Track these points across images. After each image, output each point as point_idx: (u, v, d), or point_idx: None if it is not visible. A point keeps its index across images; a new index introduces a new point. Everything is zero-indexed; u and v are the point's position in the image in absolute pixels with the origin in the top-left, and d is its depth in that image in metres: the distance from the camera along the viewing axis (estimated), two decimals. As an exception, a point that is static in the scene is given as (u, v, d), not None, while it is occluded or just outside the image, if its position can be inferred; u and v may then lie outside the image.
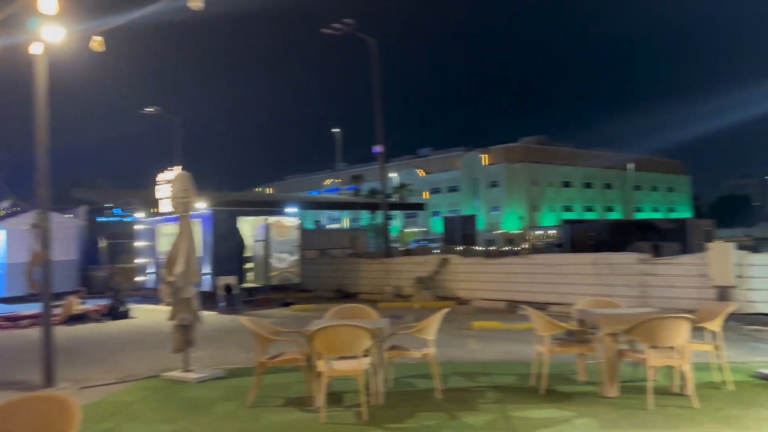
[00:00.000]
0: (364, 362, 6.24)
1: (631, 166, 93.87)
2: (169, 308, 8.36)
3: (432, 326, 6.94)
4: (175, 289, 8.21)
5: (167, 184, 16.66)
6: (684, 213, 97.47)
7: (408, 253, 27.14)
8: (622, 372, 7.17)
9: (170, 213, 15.46)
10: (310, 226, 52.40)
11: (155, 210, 19.23)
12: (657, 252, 18.60)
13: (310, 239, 32.54)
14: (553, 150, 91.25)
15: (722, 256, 11.81)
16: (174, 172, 13.09)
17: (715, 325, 7.08)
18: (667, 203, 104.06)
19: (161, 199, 17.93)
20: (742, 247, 12.41)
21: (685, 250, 23.68)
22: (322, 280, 20.21)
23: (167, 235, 17.45)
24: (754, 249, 15.72)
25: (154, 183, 18.13)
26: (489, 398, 6.83)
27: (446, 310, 7.08)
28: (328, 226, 64.48)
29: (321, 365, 6.19)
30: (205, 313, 9.59)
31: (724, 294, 11.84)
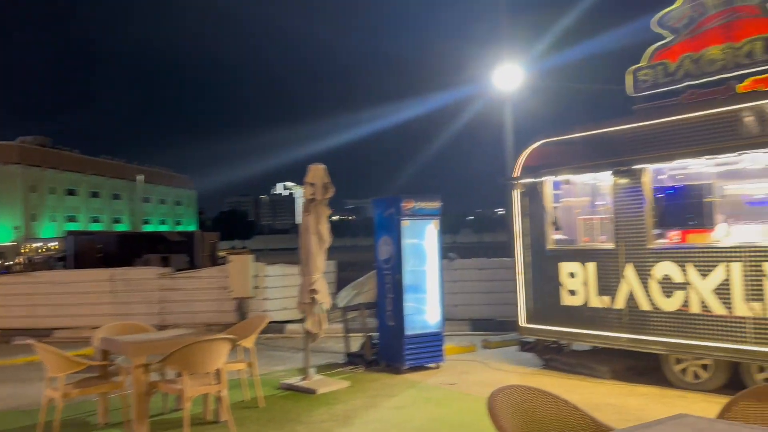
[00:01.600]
0: None
1: (140, 177, 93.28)
2: None
3: None
4: None
5: None
6: (190, 226, 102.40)
7: None
8: (151, 405, 6.26)
9: None
10: None
11: None
12: (166, 264, 18.59)
13: None
14: (56, 154, 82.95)
15: (241, 269, 12.15)
16: None
17: (250, 341, 6.91)
18: (175, 216, 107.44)
19: None
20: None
21: (192, 261, 24.31)
22: None
23: None
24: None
25: None
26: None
27: None
28: None
29: None
30: None
31: (242, 305, 12.20)
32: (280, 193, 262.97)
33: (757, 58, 6.23)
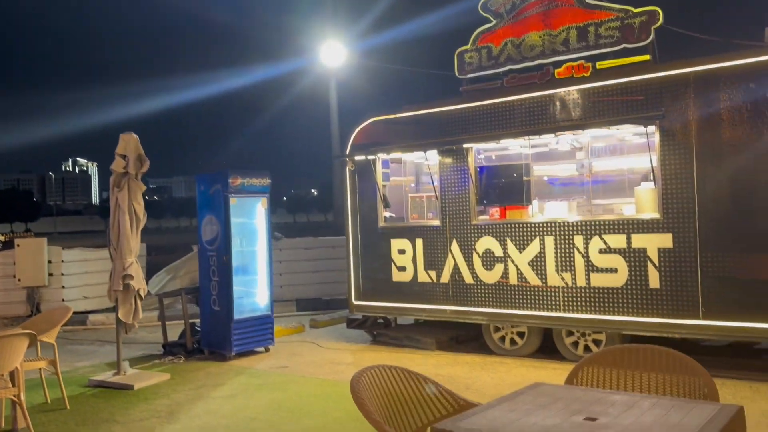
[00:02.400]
0: None
1: None
2: None
3: None
4: None
5: None
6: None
7: None
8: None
9: None
10: None
11: None
12: None
13: None
14: None
15: (33, 255, 10.63)
16: None
17: (52, 336, 5.99)
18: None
19: None
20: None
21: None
22: None
23: None
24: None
25: None
26: None
27: None
28: None
29: None
30: None
31: (33, 295, 10.69)
32: (71, 170, 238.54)
33: (572, 45, 6.76)
